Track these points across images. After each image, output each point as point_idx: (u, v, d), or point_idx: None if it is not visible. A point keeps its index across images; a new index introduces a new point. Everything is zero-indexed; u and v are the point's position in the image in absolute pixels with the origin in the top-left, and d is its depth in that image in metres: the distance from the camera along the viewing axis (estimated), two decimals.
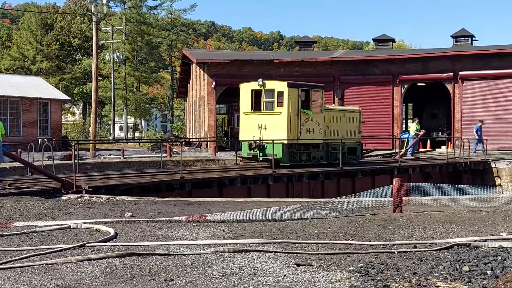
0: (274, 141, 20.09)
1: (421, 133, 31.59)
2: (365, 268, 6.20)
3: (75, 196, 13.46)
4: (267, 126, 20.90)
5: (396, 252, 7.03)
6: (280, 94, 20.80)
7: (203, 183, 17.69)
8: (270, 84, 21.37)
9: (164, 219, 9.75)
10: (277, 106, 20.87)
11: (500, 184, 25.05)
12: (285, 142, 20.56)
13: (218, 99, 39.82)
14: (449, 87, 37.65)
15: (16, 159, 15.98)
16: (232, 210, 10.52)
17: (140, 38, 72.20)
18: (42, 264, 6.45)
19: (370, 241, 7.75)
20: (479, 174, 26.01)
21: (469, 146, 25.69)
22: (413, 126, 31.18)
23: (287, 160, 20.99)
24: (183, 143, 43.23)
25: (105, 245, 7.52)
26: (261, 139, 20.81)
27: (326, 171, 20.92)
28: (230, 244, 7.54)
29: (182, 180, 16.95)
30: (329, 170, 21.09)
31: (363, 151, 26.06)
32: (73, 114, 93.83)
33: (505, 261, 6.43)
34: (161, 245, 7.53)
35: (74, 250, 7.27)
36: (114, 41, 64.16)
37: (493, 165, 25.89)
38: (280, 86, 21.02)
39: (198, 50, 66.35)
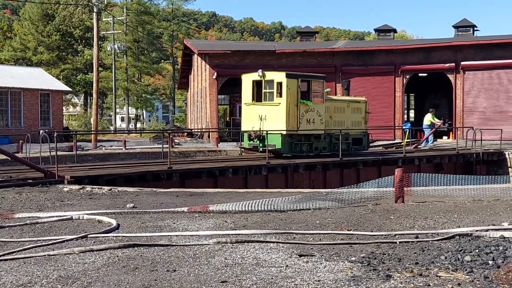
0: (272, 132, 20.11)
1: (439, 122, 31.36)
2: (367, 258, 6.20)
3: (77, 187, 13.48)
4: (267, 116, 20.87)
5: (398, 242, 7.03)
6: (279, 84, 20.74)
7: (192, 174, 17.50)
8: (269, 75, 21.30)
9: (166, 210, 9.76)
10: (277, 96, 20.81)
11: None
12: (284, 132, 20.54)
13: (219, 89, 39.80)
14: (451, 77, 37.58)
15: None
16: (234, 201, 10.52)
17: (141, 28, 72.04)
18: (45, 255, 6.46)
19: (372, 232, 7.75)
20: (493, 165, 25.68)
21: (481, 137, 25.23)
22: (428, 116, 30.87)
23: (287, 151, 20.99)
24: (185, 133, 43.37)
25: (107, 236, 7.53)
26: (261, 129, 20.79)
27: (324, 161, 20.80)
28: (232, 234, 7.54)
29: (170, 171, 16.83)
30: (327, 160, 20.99)
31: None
32: (75, 105, 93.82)
33: (506, 251, 6.43)
34: (164, 236, 7.54)
35: (76, 241, 7.28)
36: (115, 31, 63.98)
37: (507, 155, 25.50)
38: (279, 76, 20.96)
39: (199, 41, 66.19)
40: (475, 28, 44.33)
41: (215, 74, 38.31)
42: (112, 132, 50.64)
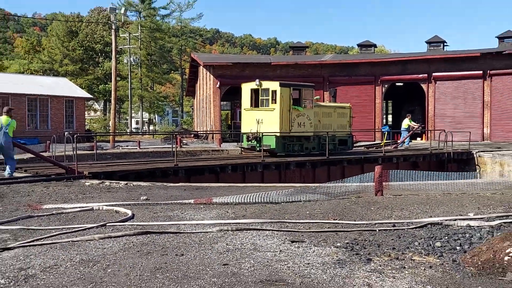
0: (268, 133, 20.21)
1: (416, 126, 31.22)
2: (351, 244, 6.21)
3: (97, 182, 13.46)
4: (263, 120, 20.95)
5: (377, 230, 7.03)
6: (274, 92, 20.83)
7: (196, 170, 17.44)
8: (265, 84, 21.39)
9: (175, 202, 9.75)
10: (271, 103, 20.89)
11: (479, 172, 24.43)
12: (278, 134, 20.61)
13: (222, 97, 39.75)
14: (424, 86, 37.61)
15: (26, 149, 15.80)
16: (235, 194, 10.52)
17: (154, 43, 71.94)
18: (69, 241, 6.46)
19: (355, 221, 7.75)
20: (462, 163, 25.58)
21: (452, 138, 25.11)
22: (406, 120, 30.78)
23: (281, 150, 21.03)
24: (192, 135, 43.30)
25: (123, 225, 7.52)
26: (258, 131, 20.90)
27: (313, 159, 20.77)
28: (233, 223, 7.54)
29: (176, 168, 16.79)
30: (315, 159, 20.96)
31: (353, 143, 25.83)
32: (95, 110, 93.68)
33: (472, 238, 6.44)
34: (173, 224, 7.53)
35: (96, 229, 7.28)
36: (131, 46, 63.87)
37: (475, 155, 25.37)
38: (274, 85, 21.04)
39: (204, 54, 66.03)
40: (445, 44, 44.33)
41: (218, 83, 38.28)
42: (128, 133, 50.53)
